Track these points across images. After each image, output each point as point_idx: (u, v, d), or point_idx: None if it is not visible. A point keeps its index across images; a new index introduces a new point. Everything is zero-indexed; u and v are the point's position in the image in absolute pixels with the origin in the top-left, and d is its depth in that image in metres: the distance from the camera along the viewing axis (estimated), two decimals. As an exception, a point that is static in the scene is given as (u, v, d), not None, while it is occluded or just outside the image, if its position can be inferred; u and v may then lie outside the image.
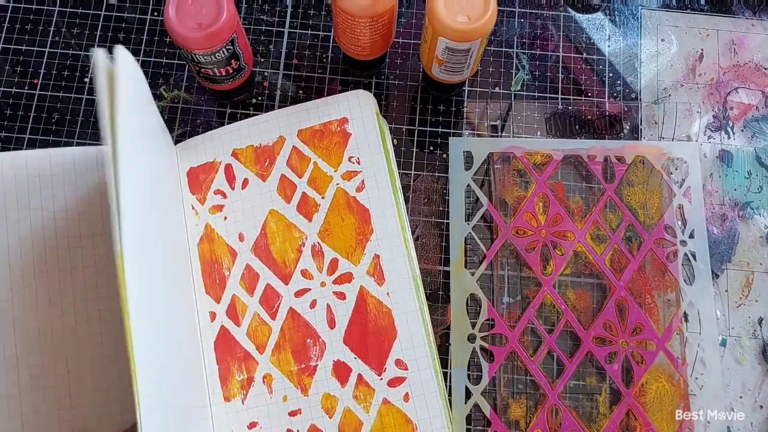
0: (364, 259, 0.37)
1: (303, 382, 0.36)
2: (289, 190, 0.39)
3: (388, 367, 0.36)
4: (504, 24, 0.46)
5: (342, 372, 0.36)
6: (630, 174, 0.42)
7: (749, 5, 0.46)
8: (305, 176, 0.39)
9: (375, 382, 0.36)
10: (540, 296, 0.40)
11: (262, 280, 0.38)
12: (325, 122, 0.40)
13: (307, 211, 0.38)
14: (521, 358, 0.39)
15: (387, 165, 0.39)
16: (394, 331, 0.36)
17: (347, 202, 0.38)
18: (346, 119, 0.39)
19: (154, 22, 0.46)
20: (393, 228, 0.38)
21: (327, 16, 0.46)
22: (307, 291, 0.37)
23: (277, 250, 0.38)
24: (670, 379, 0.39)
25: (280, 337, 0.36)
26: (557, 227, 0.41)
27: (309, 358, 0.36)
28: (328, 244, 0.38)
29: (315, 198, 0.39)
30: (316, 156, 0.39)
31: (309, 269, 0.38)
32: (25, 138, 0.43)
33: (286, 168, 0.39)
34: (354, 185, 0.39)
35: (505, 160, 0.43)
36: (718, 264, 0.41)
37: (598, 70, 0.45)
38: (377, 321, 0.36)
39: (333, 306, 0.37)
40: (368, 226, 0.38)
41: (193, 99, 0.44)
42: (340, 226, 0.38)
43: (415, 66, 0.45)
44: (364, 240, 0.38)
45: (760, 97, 0.44)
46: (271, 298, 0.37)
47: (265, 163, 0.39)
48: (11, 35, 0.45)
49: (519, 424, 0.38)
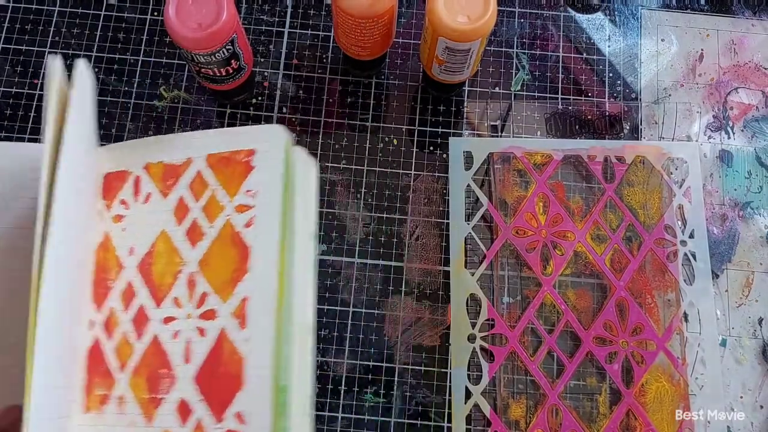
0: (233, 298, 0.35)
1: (150, 412, 0.34)
2: (183, 212, 0.37)
3: (227, 416, 0.33)
4: (504, 24, 0.46)
5: (184, 411, 0.34)
6: (630, 174, 0.42)
7: (749, 5, 0.46)
8: (201, 202, 0.37)
9: (212, 429, 0.33)
10: (540, 296, 0.40)
11: (138, 299, 0.36)
12: (234, 151, 0.38)
13: (193, 237, 0.37)
14: (521, 358, 0.39)
15: (283, 206, 0.36)
16: (242, 381, 0.34)
17: (232, 236, 0.36)
18: (254, 151, 0.37)
19: (154, 22, 0.46)
20: (270, 273, 0.35)
21: (327, 16, 0.46)
22: (173, 320, 0.35)
23: (157, 271, 0.36)
24: (670, 379, 0.39)
25: (140, 361, 0.35)
26: (557, 227, 0.41)
27: (159, 389, 0.34)
28: (203, 275, 0.36)
29: (203, 226, 0.37)
30: (217, 183, 0.37)
31: (180, 298, 0.36)
32: (25, 138, 0.43)
33: (186, 190, 0.37)
34: (244, 220, 0.36)
35: (505, 160, 0.43)
36: (718, 264, 0.41)
37: (598, 70, 0.45)
38: (228, 366, 0.34)
39: (192, 341, 0.35)
40: (246, 265, 0.35)
41: (193, 99, 0.44)
42: (219, 259, 0.36)
43: (415, 66, 0.45)
44: (238, 279, 0.35)
45: (760, 97, 0.44)
46: (141, 319, 0.36)
47: (169, 182, 0.38)
48: (11, 35, 0.45)
49: (519, 424, 0.38)
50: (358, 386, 0.39)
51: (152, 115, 0.44)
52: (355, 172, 0.43)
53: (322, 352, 0.40)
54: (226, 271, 0.35)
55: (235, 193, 0.37)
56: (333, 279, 0.41)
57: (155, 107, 0.44)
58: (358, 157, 0.43)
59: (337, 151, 0.43)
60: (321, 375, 0.40)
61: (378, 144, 0.43)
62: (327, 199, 0.42)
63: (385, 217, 0.42)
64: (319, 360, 0.40)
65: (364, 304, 0.41)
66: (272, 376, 0.34)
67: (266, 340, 0.34)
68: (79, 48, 0.45)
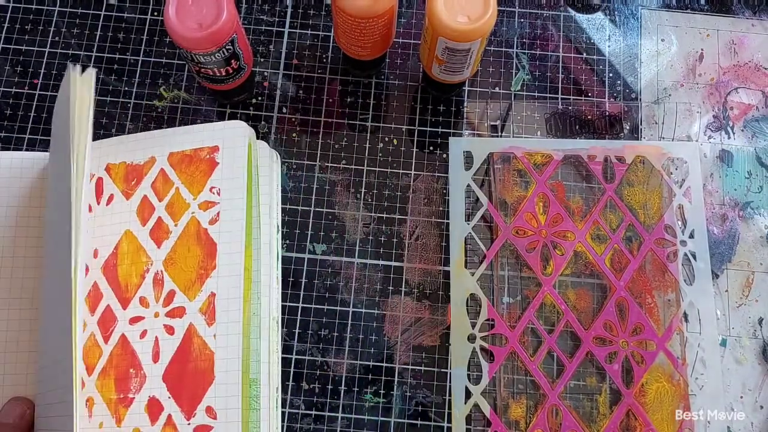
0: (200, 295, 0.35)
1: (119, 413, 0.34)
2: (147, 212, 0.37)
3: (198, 412, 0.34)
4: (504, 24, 0.46)
5: (154, 409, 0.34)
6: (630, 174, 0.42)
7: (749, 5, 0.46)
8: (165, 200, 0.37)
9: (183, 426, 0.33)
10: (540, 296, 0.40)
11: (104, 300, 0.36)
12: (197, 148, 0.38)
13: (158, 236, 0.37)
14: (521, 358, 0.39)
15: (247, 201, 0.37)
16: (212, 376, 0.34)
17: (198, 233, 0.36)
18: (217, 148, 0.38)
19: (154, 22, 0.46)
20: (236, 268, 0.35)
21: (327, 16, 0.46)
22: (141, 319, 0.35)
23: (123, 272, 0.36)
24: (670, 379, 0.39)
25: (107, 362, 0.35)
26: (557, 227, 0.41)
27: (128, 389, 0.34)
28: (169, 274, 0.36)
29: (169, 224, 0.37)
30: (179, 181, 0.37)
31: (147, 297, 0.36)
32: (25, 138, 0.43)
33: (149, 189, 0.37)
34: (209, 216, 0.36)
35: (505, 160, 0.43)
36: (718, 264, 0.41)
37: (598, 70, 0.45)
38: (197, 362, 0.34)
39: (161, 339, 0.35)
40: (212, 261, 0.36)
41: (193, 99, 0.44)
42: (185, 257, 0.36)
43: (415, 66, 0.45)
44: (205, 275, 0.35)
45: (760, 97, 0.44)
46: (108, 320, 0.36)
47: (132, 182, 0.38)
48: (11, 35, 0.45)
49: (519, 424, 0.38)
50: (358, 386, 0.39)
51: (152, 115, 0.44)
52: (355, 172, 0.43)
53: (322, 352, 0.40)
54: (192, 269, 0.36)
55: (200, 191, 0.37)
56: (333, 279, 0.41)
57: (155, 107, 0.44)
58: (358, 157, 0.43)
59: (337, 151, 0.43)
60: (321, 375, 0.40)
61: (378, 144, 0.43)
62: (327, 199, 0.42)
63: (385, 217, 0.42)
64: (319, 360, 0.40)
65: (364, 304, 0.41)
66: (242, 369, 0.34)
67: (235, 335, 0.34)
68: (79, 48, 0.45)
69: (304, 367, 0.40)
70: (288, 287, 0.41)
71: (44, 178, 0.39)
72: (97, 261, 0.37)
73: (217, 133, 0.38)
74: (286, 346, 0.40)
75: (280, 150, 0.43)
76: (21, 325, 0.37)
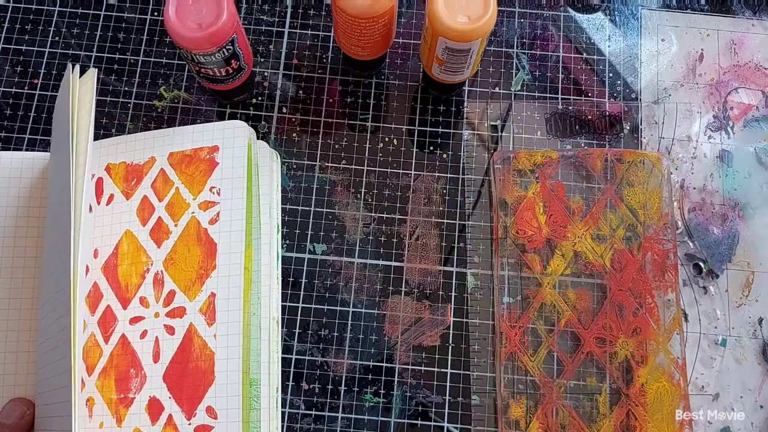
0: (200, 295, 0.35)
1: (119, 413, 0.34)
2: (147, 212, 0.37)
3: (198, 412, 0.34)
4: (504, 24, 0.46)
5: (155, 409, 0.34)
6: (630, 174, 0.42)
7: (749, 5, 0.46)
8: (165, 200, 0.37)
9: (183, 426, 0.34)
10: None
11: (104, 300, 0.36)
12: (197, 148, 0.38)
13: (159, 236, 0.37)
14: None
15: (247, 201, 0.37)
16: (212, 376, 0.34)
17: (198, 233, 0.36)
18: (217, 148, 0.38)
19: (154, 22, 0.46)
20: (236, 268, 0.36)
21: (327, 16, 0.46)
22: (141, 319, 0.36)
23: (123, 272, 0.36)
24: (670, 379, 0.39)
25: (108, 363, 0.35)
26: (557, 227, 0.41)
27: (129, 389, 0.34)
28: (170, 274, 0.36)
29: (169, 224, 0.37)
30: (179, 181, 0.37)
31: (147, 297, 0.36)
32: (25, 138, 0.43)
33: (149, 189, 0.38)
34: (208, 216, 0.37)
35: (505, 160, 0.43)
36: (718, 264, 0.41)
37: (598, 70, 0.45)
38: (198, 362, 0.34)
39: (161, 339, 0.35)
40: (212, 261, 0.36)
41: (193, 99, 0.44)
42: (185, 257, 0.36)
43: (415, 66, 0.45)
44: (205, 275, 0.36)
45: (760, 97, 0.44)
46: (108, 320, 0.36)
47: (132, 182, 0.38)
48: (11, 35, 0.45)
49: (519, 424, 0.38)
50: (358, 386, 0.39)
51: (152, 115, 0.44)
52: (355, 172, 0.43)
53: (322, 352, 0.40)
54: (192, 269, 0.36)
55: (200, 191, 0.37)
56: (333, 279, 0.41)
57: (155, 107, 0.44)
58: (358, 157, 0.43)
59: (337, 151, 0.43)
60: (321, 375, 0.40)
61: (378, 144, 0.43)
62: (327, 199, 0.42)
63: (385, 217, 0.42)
64: (319, 360, 0.40)
65: (364, 304, 0.41)
66: (242, 369, 0.34)
67: (235, 335, 0.34)
68: (79, 48, 0.45)
69: (304, 367, 0.40)
70: (288, 287, 0.41)
71: (44, 178, 0.39)
72: (98, 261, 0.37)
73: (217, 133, 0.38)
74: (286, 346, 0.40)
75: (280, 150, 0.43)
76: (21, 325, 0.37)
